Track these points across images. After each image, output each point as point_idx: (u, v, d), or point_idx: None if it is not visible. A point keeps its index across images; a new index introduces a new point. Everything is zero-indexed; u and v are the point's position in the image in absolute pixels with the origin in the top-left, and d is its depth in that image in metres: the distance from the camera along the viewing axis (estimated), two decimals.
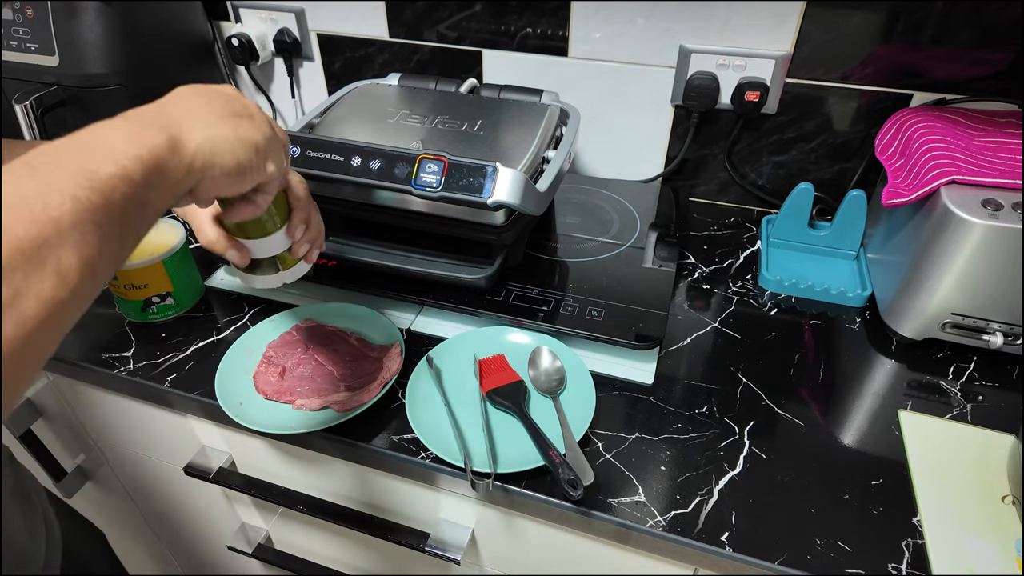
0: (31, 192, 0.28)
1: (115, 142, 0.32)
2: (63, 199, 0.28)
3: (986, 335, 0.63)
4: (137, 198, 0.32)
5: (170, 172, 0.35)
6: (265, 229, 0.48)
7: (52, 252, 0.28)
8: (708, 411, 0.61)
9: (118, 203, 0.31)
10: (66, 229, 0.28)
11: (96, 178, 0.30)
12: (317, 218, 0.53)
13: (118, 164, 0.31)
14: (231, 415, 0.58)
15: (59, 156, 0.30)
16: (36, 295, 0.27)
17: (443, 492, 0.63)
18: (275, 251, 0.50)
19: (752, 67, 0.80)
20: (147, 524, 0.99)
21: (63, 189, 0.29)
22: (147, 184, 0.33)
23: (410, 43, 0.93)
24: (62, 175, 0.29)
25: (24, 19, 0.80)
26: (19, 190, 0.28)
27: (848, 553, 0.49)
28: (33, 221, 0.27)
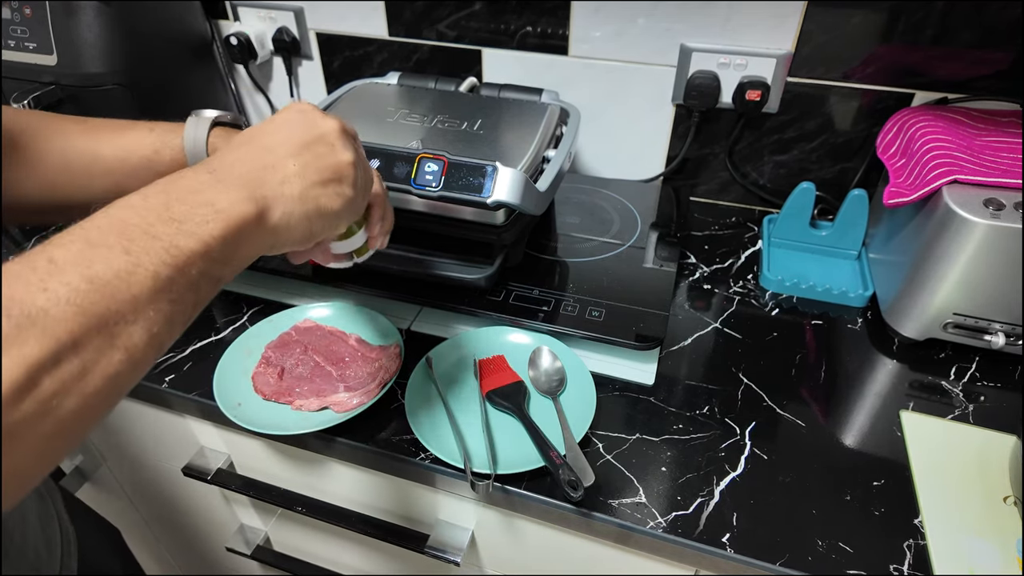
0: (121, 269, 0.28)
1: (205, 219, 0.32)
2: (146, 277, 0.28)
3: (988, 335, 0.63)
4: (212, 273, 0.32)
5: (247, 248, 0.34)
6: (347, 234, 0.48)
7: (125, 329, 0.28)
8: (709, 412, 0.61)
9: (194, 279, 0.31)
10: (142, 307, 0.28)
11: (180, 255, 0.30)
12: (390, 209, 0.53)
13: (203, 241, 0.31)
14: (229, 416, 0.58)
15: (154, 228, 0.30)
16: (102, 371, 0.27)
17: (443, 493, 0.62)
18: (355, 247, 0.51)
19: (753, 66, 0.79)
20: (146, 525, 0.99)
21: (148, 266, 0.28)
22: (224, 260, 0.32)
23: (409, 42, 0.93)
24: (153, 250, 0.29)
25: (22, 18, 0.80)
26: (111, 267, 0.27)
27: (849, 554, 0.49)
28: (114, 299, 0.27)
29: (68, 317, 0.26)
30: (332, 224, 0.40)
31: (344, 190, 0.40)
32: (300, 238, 0.38)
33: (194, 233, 0.31)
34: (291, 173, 0.37)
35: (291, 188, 0.37)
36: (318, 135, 0.40)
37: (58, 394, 0.25)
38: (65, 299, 0.26)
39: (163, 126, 0.52)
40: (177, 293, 0.30)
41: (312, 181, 0.38)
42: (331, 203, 0.39)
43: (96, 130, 0.51)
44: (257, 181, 0.35)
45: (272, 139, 0.38)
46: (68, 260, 0.27)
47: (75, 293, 0.26)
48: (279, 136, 0.39)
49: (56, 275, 0.26)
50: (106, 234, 0.29)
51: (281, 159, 0.37)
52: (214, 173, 0.34)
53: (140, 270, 0.28)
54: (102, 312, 0.27)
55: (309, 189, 0.38)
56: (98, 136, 0.51)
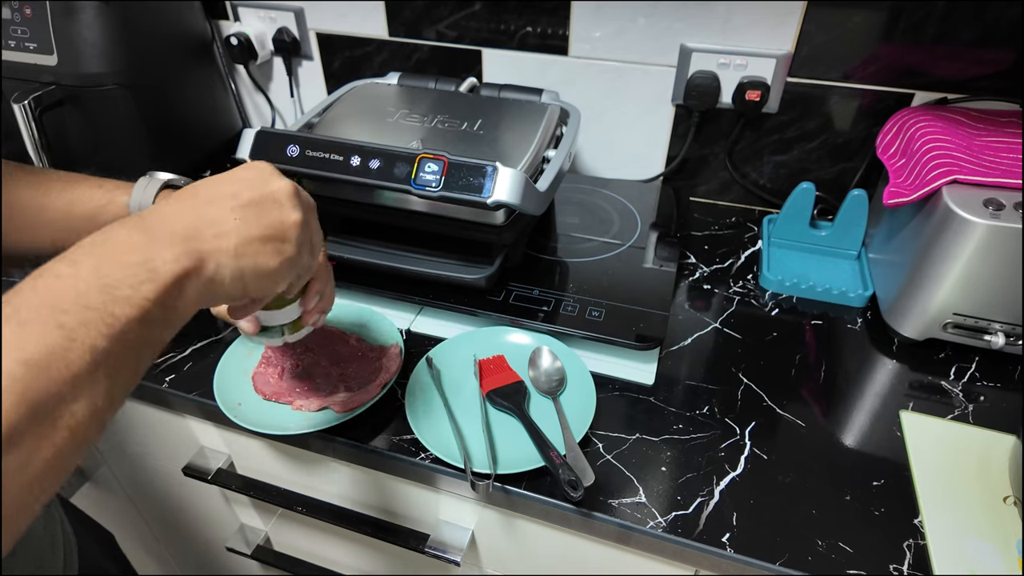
0: (56, 347, 0.27)
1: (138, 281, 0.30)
2: (84, 352, 0.27)
3: (988, 335, 0.63)
4: (150, 337, 0.31)
5: (183, 306, 0.33)
6: (279, 303, 0.47)
7: (66, 409, 0.27)
8: (709, 412, 0.61)
9: (132, 347, 0.30)
10: (82, 383, 0.27)
11: (116, 324, 0.29)
12: (330, 288, 0.52)
13: (138, 306, 0.30)
14: (230, 416, 0.58)
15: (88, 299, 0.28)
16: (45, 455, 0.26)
17: (443, 493, 0.62)
18: (285, 320, 0.49)
19: (753, 66, 0.79)
20: (146, 525, 0.99)
21: (84, 340, 0.27)
22: (162, 321, 0.31)
23: (409, 42, 0.93)
24: (88, 321, 0.28)
25: (22, 18, 0.80)
26: (45, 345, 0.26)
27: (849, 554, 0.49)
28: (52, 380, 0.26)
29: (9, 408, 0.25)
30: (268, 283, 0.38)
31: (285, 248, 0.38)
32: (234, 294, 0.37)
33: (129, 298, 0.29)
34: (229, 228, 0.35)
35: (227, 242, 0.35)
36: (267, 192, 0.38)
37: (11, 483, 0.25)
38: (8, 389, 0.25)
39: (112, 183, 0.51)
40: (117, 364, 0.29)
41: (250, 236, 0.36)
42: (268, 261, 0.37)
43: (46, 182, 0.50)
44: (193, 235, 0.34)
45: (217, 191, 0.37)
46: (6, 345, 0.26)
47: (12, 381, 0.25)
48: (225, 189, 0.37)
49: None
50: (37, 310, 0.27)
51: (221, 212, 0.36)
52: (147, 231, 0.33)
53: (76, 345, 0.27)
54: (41, 397, 0.26)
55: (246, 244, 0.36)
56: (46, 187, 0.50)
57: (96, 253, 0.31)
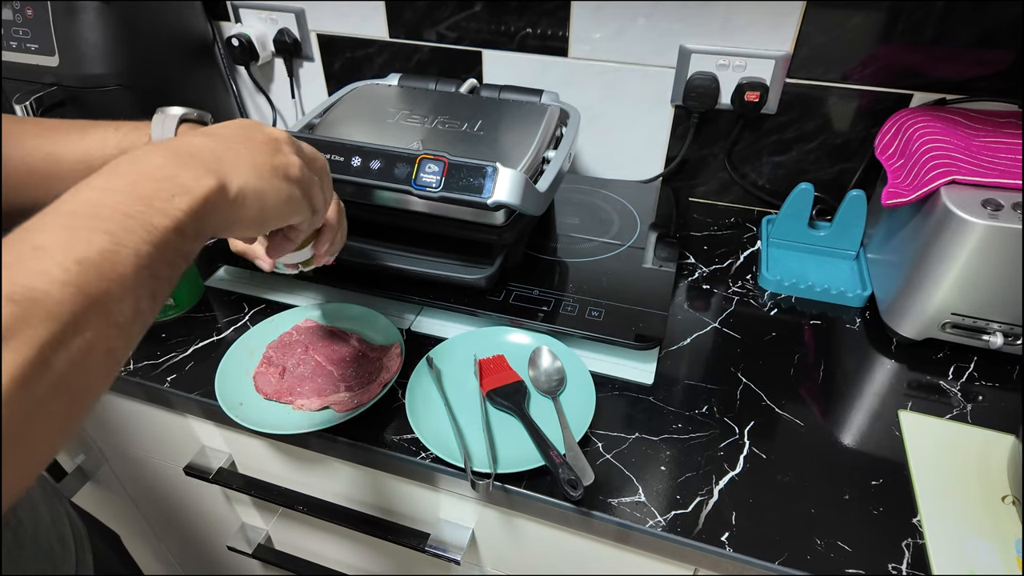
0: (106, 250, 0.29)
1: (172, 193, 0.33)
2: (128, 255, 0.29)
3: (986, 335, 0.63)
4: (183, 249, 0.33)
5: (212, 222, 0.35)
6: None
7: (116, 306, 0.29)
8: (708, 411, 0.61)
9: (169, 255, 0.32)
10: (129, 284, 0.29)
11: (156, 232, 0.31)
12: (343, 233, 0.55)
13: (174, 218, 0.32)
14: (231, 415, 0.58)
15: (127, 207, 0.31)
16: (102, 347, 0.28)
17: (443, 492, 0.63)
18: (299, 260, 0.53)
19: (752, 67, 0.80)
20: (147, 524, 0.99)
21: (129, 244, 0.29)
22: (194, 235, 0.34)
23: (410, 43, 0.93)
24: (130, 228, 0.30)
25: (24, 19, 0.80)
26: (96, 248, 0.28)
27: (848, 553, 0.49)
28: (104, 278, 0.28)
29: (67, 298, 0.26)
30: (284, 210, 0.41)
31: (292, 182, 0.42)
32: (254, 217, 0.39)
33: (164, 209, 0.32)
34: (244, 157, 0.39)
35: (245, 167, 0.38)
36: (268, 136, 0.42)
37: (67, 373, 0.26)
38: (62, 281, 0.27)
39: (128, 125, 0.52)
40: (157, 269, 0.31)
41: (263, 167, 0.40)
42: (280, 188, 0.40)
43: (56, 132, 0.51)
44: (215, 160, 0.37)
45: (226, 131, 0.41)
46: (54, 245, 0.28)
47: (69, 274, 0.27)
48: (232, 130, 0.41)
49: (46, 259, 0.27)
50: (82, 218, 0.29)
51: (235, 145, 0.39)
52: (174, 154, 0.35)
53: (123, 249, 0.29)
54: (95, 291, 0.27)
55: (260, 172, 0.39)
56: (58, 138, 0.50)
57: (129, 172, 0.33)
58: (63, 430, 0.28)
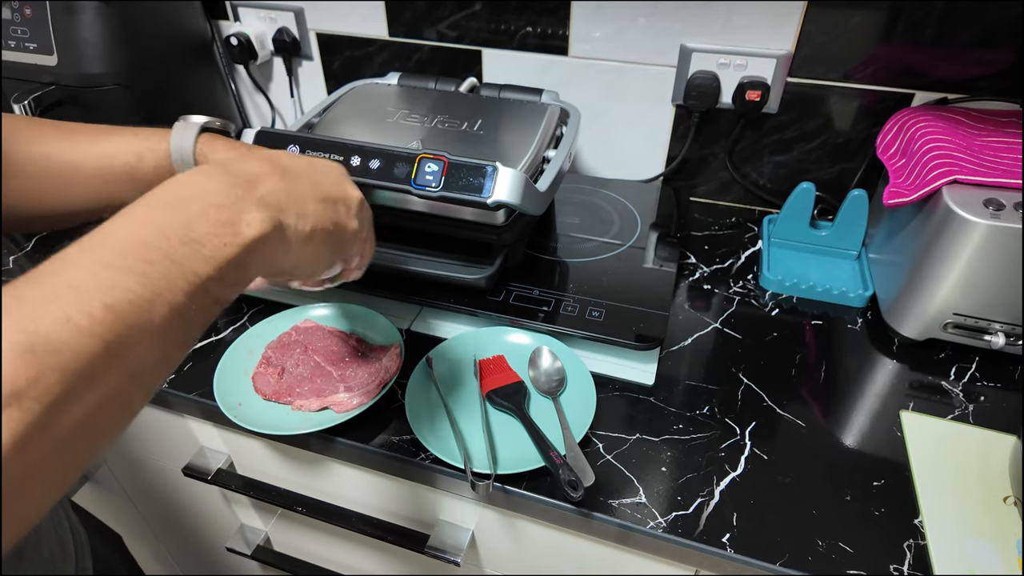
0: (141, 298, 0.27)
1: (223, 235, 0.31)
2: (164, 305, 0.28)
3: (988, 335, 0.63)
4: (220, 297, 0.31)
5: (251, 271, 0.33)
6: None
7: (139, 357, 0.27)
8: (709, 412, 0.61)
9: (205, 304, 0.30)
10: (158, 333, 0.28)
11: (196, 282, 0.29)
12: (371, 245, 0.52)
13: (218, 267, 0.30)
14: (230, 416, 0.58)
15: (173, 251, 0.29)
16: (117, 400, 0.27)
17: (443, 493, 0.62)
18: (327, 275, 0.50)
19: (753, 66, 0.80)
20: (146, 525, 0.99)
21: (166, 295, 0.28)
22: (234, 283, 0.32)
23: (410, 42, 0.93)
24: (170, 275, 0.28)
25: (22, 19, 0.80)
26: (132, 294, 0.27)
27: (849, 554, 0.49)
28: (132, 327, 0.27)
29: (88, 349, 0.25)
30: (316, 269, 0.41)
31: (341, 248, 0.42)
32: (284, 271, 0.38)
33: (211, 257, 0.30)
34: (310, 211, 0.37)
35: (304, 224, 0.37)
36: (342, 195, 0.41)
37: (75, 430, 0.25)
38: (88, 331, 0.25)
39: (147, 131, 0.51)
40: (190, 318, 0.29)
41: (321, 226, 0.38)
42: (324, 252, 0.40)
43: (76, 135, 0.50)
44: (278, 205, 0.35)
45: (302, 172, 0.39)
46: (89, 286, 0.26)
47: (96, 324, 0.25)
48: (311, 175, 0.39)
49: (77, 303, 0.25)
50: (126, 257, 0.28)
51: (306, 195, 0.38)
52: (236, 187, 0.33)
53: (159, 299, 0.27)
54: (119, 342, 0.26)
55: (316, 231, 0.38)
56: (78, 142, 0.49)
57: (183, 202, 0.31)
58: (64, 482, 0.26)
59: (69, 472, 0.26)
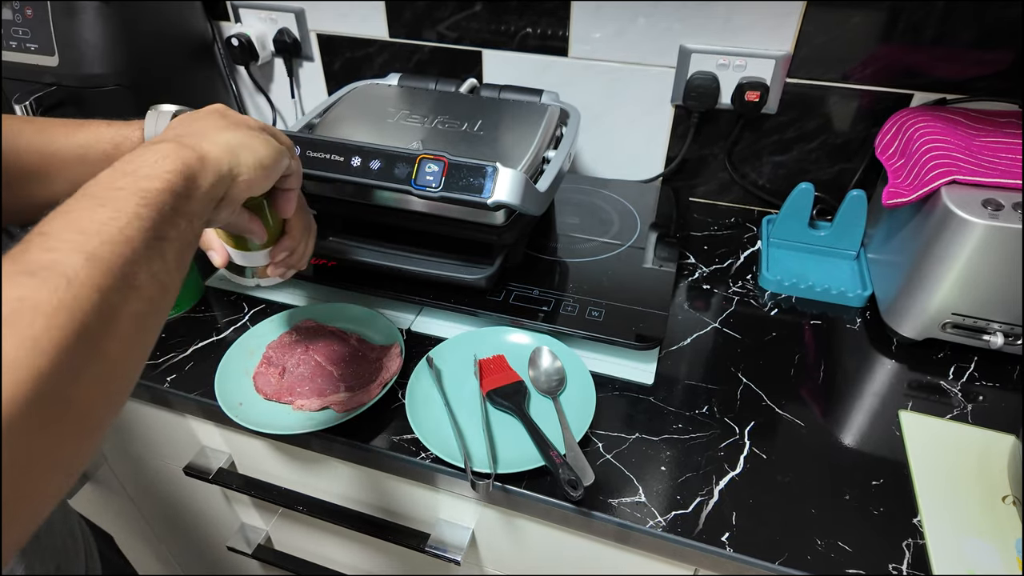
0: (106, 218, 0.30)
1: (155, 161, 0.35)
2: (130, 219, 0.31)
3: (987, 335, 0.63)
4: (182, 209, 0.34)
5: (203, 179, 0.37)
6: (247, 246, 0.51)
7: (131, 269, 0.30)
8: (708, 411, 0.61)
9: (169, 215, 0.33)
10: (139, 247, 0.30)
11: (150, 195, 0.32)
12: (303, 249, 0.55)
13: (163, 179, 0.34)
14: (231, 415, 0.58)
15: (115, 183, 0.32)
16: (128, 313, 0.29)
17: (443, 492, 0.63)
18: (253, 264, 0.53)
19: (752, 67, 0.80)
20: (147, 524, 0.99)
21: (128, 211, 0.31)
22: (187, 195, 0.35)
23: (410, 43, 0.93)
24: (123, 197, 0.32)
25: (24, 19, 0.80)
26: (97, 217, 0.30)
27: (848, 553, 0.49)
28: (114, 243, 0.29)
29: (80, 263, 0.27)
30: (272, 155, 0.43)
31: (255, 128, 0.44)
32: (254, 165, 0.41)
33: (151, 175, 0.33)
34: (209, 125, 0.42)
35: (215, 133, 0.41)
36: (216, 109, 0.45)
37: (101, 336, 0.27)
38: (69, 249, 0.28)
39: (120, 123, 0.53)
40: (161, 230, 0.32)
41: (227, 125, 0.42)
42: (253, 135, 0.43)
43: (50, 128, 0.51)
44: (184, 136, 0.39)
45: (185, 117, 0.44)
46: (55, 227, 0.29)
47: (75, 243, 0.28)
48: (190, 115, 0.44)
49: (51, 239, 0.28)
50: (77, 200, 0.31)
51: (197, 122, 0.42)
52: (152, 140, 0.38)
53: (122, 215, 0.30)
54: (106, 254, 0.28)
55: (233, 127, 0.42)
56: (52, 135, 0.51)
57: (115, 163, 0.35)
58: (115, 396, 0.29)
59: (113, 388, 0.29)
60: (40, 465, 0.25)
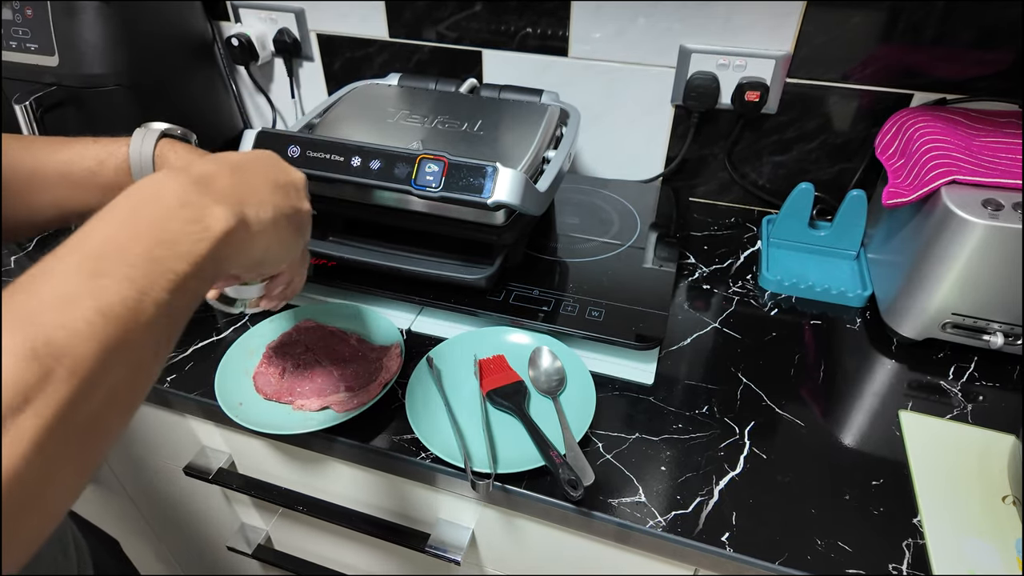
0: (130, 299, 0.28)
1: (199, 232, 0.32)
2: (151, 304, 0.29)
3: (986, 335, 0.63)
4: (199, 291, 0.33)
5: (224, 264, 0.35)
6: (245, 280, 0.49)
7: (137, 353, 0.28)
8: (708, 411, 0.61)
9: (187, 299, 0.32)
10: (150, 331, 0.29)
11: (177, 279, 0.30)
12: (300, 280, 0.52)
13: (195, 263, 0.31)
14: (230, 415, 0.58)
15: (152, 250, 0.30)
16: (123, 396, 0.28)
17: (443, 492, 0.63)
18: (248, 296, 0.51)
19: (752, 67, 0.80)
20: (147, 524, 0.99)
21: (152, 295, 0.29)
22: (211, 277, 0.33)
23: (410, 43, 0.93)
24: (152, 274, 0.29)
25: (24, 19, 0.80)
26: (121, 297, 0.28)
27: (848, 553, 0.49)
28: (127, 328, 0.28)
29: (91, 353, 0.26)
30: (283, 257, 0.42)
31: (303, 231, 0.43)
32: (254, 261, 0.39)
33: (187, 254, 0.31)
34: (267, 199, 0.38)
35: (266, 212, 0.38)
36: (291, 180, 0.42)
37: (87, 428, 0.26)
38: (87, 335, 0.26)
39: (106, 139, 0.52)
40: (175, 313, 0.31)
41: (282, 212, 0.40)
42: (290, 238, 0.41)
43: (36, 145, 0.51)
44: (239, 199, 0.36)
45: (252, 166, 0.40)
46: (78, 294, 0.27)
47: (94, 328, 0.26)
48: (257, 167, 0.40)
49: (70, 310, 0.26)
50: (109, 263, 0.29)
51: (261, 185, 0.39)
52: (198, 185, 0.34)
53: (146, 299, 0.29)
54: (118, 344, 0.27)
55: (279, 218, 0.39)
56: (36, 151, 0.50)
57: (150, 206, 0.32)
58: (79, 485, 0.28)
59: (83, 474, 0.27)
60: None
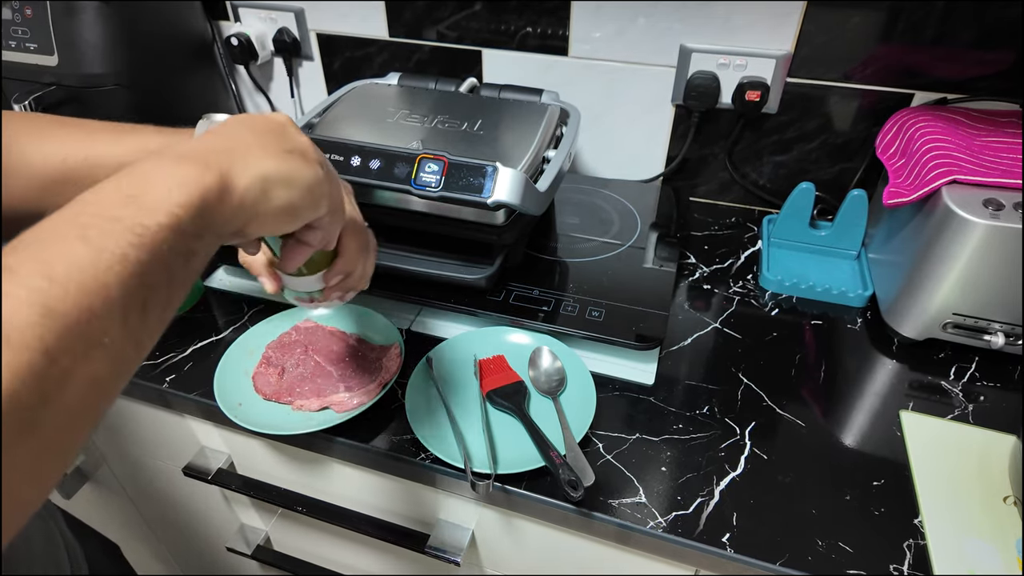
0: (84, 261, 0.25)
1: (167, 184, 0.29)
2: (112, 263, 0.26)
3: (987, 335, 0.63)
4: (184, 248, 0.30)
5: (219, 215, 0.32)
6: (300, 270, 0.46)
7: (100, 324, 0.25)
8: (709, 412, 0.61)
9: (166, 257, 0.28)
10: (114, 296, 0.26)
11: (147, 233, 0.27)
12: (362, 270, 0.50)
13: (169, 213, 0.28)
14: (230, 416, 0.58)
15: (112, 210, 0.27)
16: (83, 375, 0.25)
17: (443, 493, 0.62)
18: (305, 289, 0.48)
19: (753, 66, 0.80)
20: (146, 525, 0.99)
21: (114, 250, 0.26)
22: (196, 232, 0.30)
23: (410, 43, 0.93)
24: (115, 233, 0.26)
25: (23, 19, 0.80)
26: (73, 258, 0.25)
27: (849, 554, 0.49)
28: (80, 293, 0.24)
29: (35, 320, 0.23)
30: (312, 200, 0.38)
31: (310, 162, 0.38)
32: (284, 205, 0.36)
33: (156, 207, 0.28)
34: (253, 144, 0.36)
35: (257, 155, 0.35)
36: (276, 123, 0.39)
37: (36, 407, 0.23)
38: (27, 301, 0.23)
39: (169, 129, 0.50)
40: (149, 276, 0.27)
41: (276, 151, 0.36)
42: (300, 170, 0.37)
43: (97, 134, 0.48)
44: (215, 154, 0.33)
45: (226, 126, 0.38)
46: (23, 263, 0.24)
47: (37, 293, 0.24)
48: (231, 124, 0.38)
49: (12, 280, 0.23)
50: (59, 225, 0.26)
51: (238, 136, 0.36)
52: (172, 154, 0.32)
53: (104, 256, 0.26)
54: (70, 309, 0.24)
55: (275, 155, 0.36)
56: (96, 139, 0.47)
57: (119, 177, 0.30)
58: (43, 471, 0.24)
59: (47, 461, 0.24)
60: None
